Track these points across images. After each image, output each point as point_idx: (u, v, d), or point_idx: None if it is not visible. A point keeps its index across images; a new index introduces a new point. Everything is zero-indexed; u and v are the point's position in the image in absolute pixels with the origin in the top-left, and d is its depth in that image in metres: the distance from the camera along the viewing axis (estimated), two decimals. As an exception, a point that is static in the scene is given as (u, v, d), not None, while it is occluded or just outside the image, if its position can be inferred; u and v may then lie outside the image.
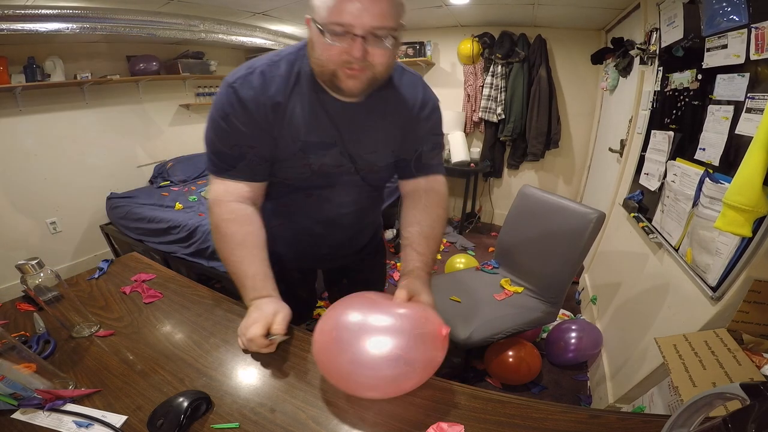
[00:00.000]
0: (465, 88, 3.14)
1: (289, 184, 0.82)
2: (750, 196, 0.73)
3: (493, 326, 1.33)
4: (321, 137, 0.75)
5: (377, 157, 0.83)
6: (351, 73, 0.64)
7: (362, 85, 0.66)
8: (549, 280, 1.43)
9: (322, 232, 0.92)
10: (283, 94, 0.70)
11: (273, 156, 0.75)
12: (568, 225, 1.35)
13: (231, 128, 0.71)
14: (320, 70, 0.67)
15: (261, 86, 0.69)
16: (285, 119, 0.71)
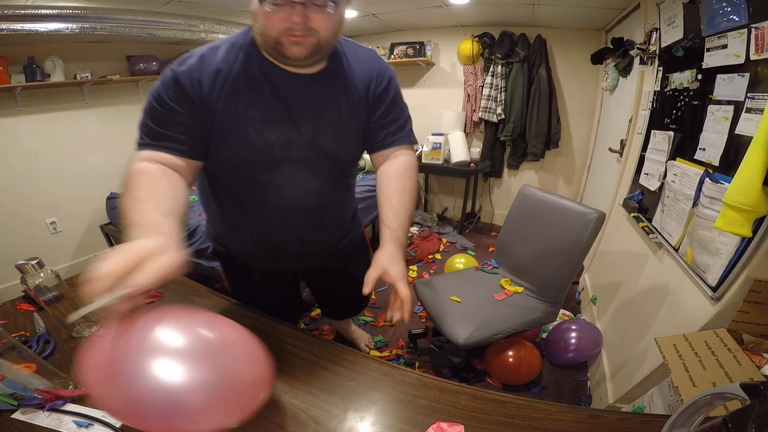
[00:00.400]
0: (465, 88, 3.14)
1: (238, 173, 0.77)
2: (750, 196, 0.73)
3: (493, 326, 1.33)
4: (264, 111, 0.71)
5: (335, 132, 0.78)
6: (294, 39, 0.63)
7: (307, 51, 0.66)
8: (549, 280, 1.43)
9: (282, 223, 0.86)
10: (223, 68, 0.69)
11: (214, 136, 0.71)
12: (568, 225, 1.35)
13: (164, 107, 0.67)
14: (264, 39, 0.66)
15: (197, 65, 0.68)
16: (223, 93, 0.69)
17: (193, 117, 0.69)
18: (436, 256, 2.79)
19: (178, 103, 0.68)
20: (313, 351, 0.75)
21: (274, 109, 0.72)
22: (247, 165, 0.75)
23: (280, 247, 0.93)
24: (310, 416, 0.60)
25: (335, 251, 1.05)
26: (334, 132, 0.78)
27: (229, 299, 0.93)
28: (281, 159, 0.76)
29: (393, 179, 0.82)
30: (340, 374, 0.69)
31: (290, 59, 0.67)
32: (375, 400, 0.63)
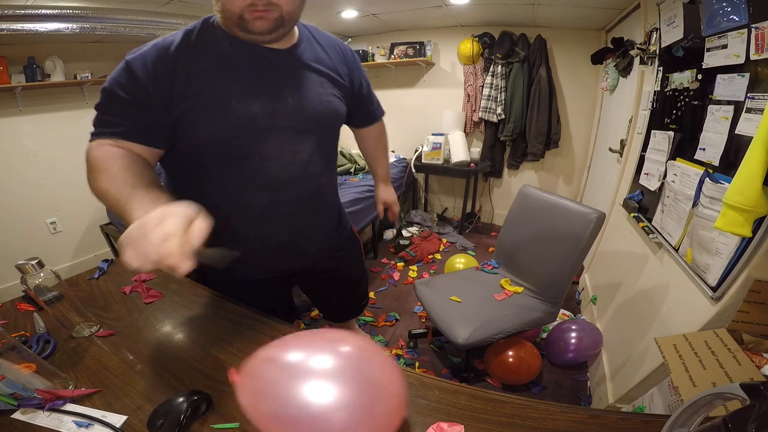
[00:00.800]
0: (465, 88, 3.14)
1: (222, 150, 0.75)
2: (750, 196, 0.73)
3: (492, 326, 1.33)
4: (245, 83, 0.72)
5: (320, 99, 0.81)
6: (257, 14, 0.65)
7: (270, 24, 0.67)
8: (549, 280, 1.43)
9: (271, 199, 0.82)
10: (183, 51, 0.69)
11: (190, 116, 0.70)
12: (569, 225, 1.35)
13: (117, 98, 0.69)
14: (227, 16, 0.67)
15: (152, 54, 0.68)
16: (190, 73, 0.69)
17: (148, 105, 0.69)
18: (436, 256, 2.79)
19: (131, 93, 0.68)
20: (313, 351, 0.75)
21: (254, 80, 0.73)
22: (234, 137, 0.73)
23: (269, 238, 0.88)
24: (310, 416, 0.60)
25: (326, 247, 1.04)
26: (319, 99, 0.81)
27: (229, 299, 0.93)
28: (267, 128, 0.75)
29: (375, 141, 1.16)
30: (340, 374, 0.69)
31: (255, 33, 0.68)
32: (375, 400, 0.63)
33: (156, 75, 0.67)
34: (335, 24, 2.99)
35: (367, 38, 3.42)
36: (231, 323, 0.84)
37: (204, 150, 0.75)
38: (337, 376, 0.48)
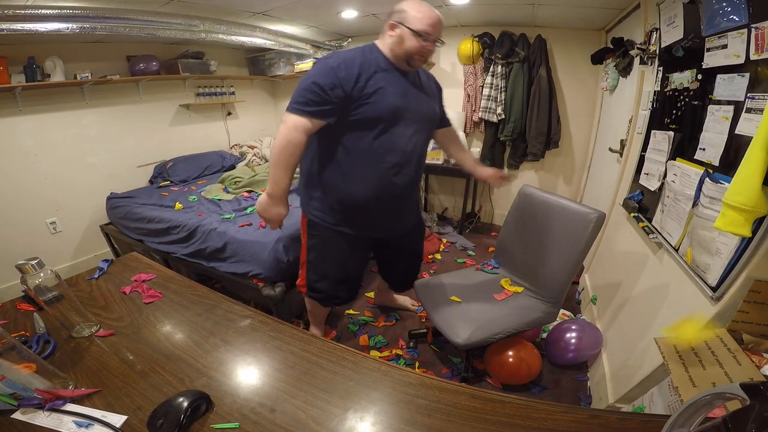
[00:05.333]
0: (465, 88, 3.14)
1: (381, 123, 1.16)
2: (750, 196, 0.73)
3: (493, 326, 1.33)
4: (396, 87, 1.17)
5: (429, 105, 1.32)
6: (421, 58, 1.17)
7: (421, 65, 1.22)
8: (549, 280, 1.43)
9: (400, 161, 1.24)
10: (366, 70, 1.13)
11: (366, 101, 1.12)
12: (568, 225, 1.35)
13: (322, 89, 1.08)
14: (403, 54, 1.15)
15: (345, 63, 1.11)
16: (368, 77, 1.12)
17: (340, 95, 1.10)
18: (436, 256, 2.79)
19: (333, 88, 1.08)
20: (313, 351, 0.75)
21: (400, 86, 1.19)
22: (389, 112, 1.16)
23: (392, 194, 1.28)
24: (310, 416, 0.60)
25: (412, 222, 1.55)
26: (427, 105, 1.31)
27: (229, 299, 0.93)
28: (404, 117, 1.20)
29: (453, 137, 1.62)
30: (340, 374, 0.69)
31: (411, 67, 1.19)
32: (375, 400, 0.63)
33: (348, 77, 1.10)
34: (335, 24, 2.99)
35: (367, 38, 3.41)
36: (231, 323, 0.84)
37: (367, 124, 1.16)
38: None
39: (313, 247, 1.41)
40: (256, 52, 3.78)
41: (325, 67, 1.10)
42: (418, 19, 1.11)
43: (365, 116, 1.14)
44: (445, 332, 1.33)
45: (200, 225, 2.03)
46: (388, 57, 1.17)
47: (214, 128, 3.68)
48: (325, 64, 1.10)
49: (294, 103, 1.10)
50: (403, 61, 1.16)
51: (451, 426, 0.58)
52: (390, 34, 1.15)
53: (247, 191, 2.65)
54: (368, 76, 1.11)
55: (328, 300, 1.54)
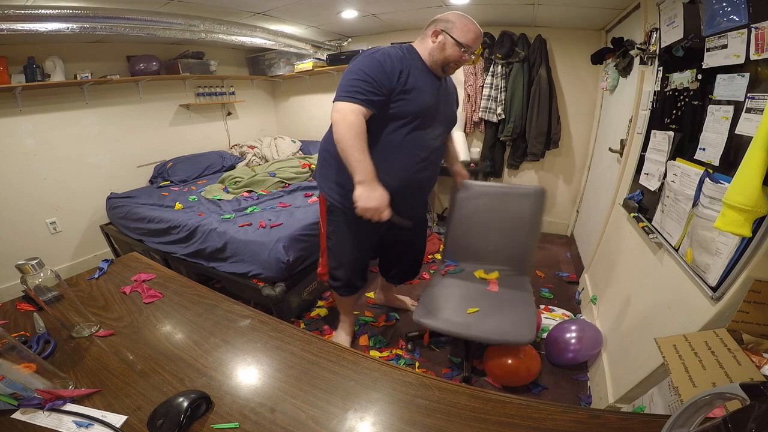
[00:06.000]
0: (465, 88, 3.13)
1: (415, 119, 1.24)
2: (750, 196, 0.72)
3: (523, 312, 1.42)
4: (429, 88, 1.26)
5: (452, 108, 1.45)
6: (455, 67, 1.28)
7: (453, 73, 1.34)
8: (516, 255, 1.64)
9: (427, 156, 1.34)
10: (406, 68, 1.20)
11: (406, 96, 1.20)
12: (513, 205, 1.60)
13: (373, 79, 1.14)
14: (442, 60, 1.24)
15: (391, 58, 1.18)
16: (409, 75, 1.19)
17: (385, 89, 1.17)
18: (436, 256, 2.79)
19: (381, 81, 1.15)
20: (313, 351, 0.75)
21: (434, 88, 1.28)
22: (423, 110, 1.25)
23: (414, 186, 1.38)
24: (310, 416, 0.60)
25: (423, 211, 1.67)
26: (451, 107, 1.44)
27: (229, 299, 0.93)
28: (433, 117, 1.31)
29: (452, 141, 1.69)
30: (340, 374, 0.69)
31: (444, 72, 1.30)
32: (375, 400, 0.63)
33: (393, 71, 1.17)
34: (335, 24, 2.99)
35: (367, 38, 3.42)
36: (232, 323, 0.84)
37: (403, 119, 1.23)
38: None
39: (333, 233, 1.47)
40: (256, 52, 3.78)
41: (372, 60, 1.15)
42: (464, 32, 1.20)
43: (402, 110, 1.21)
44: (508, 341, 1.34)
45: (200, 225, 2.03)
46: (425, 60, 1.26)
47: (214, 128, 3.68)
48: (372, 57, 1.16)
49: (344, 92, 1.13)
50: (439, 66, 1.25)
51: (451, 426, 0.58)
52: (432, 39, 1.23)
53: (247, 191, 2.65)
54: (407, 73, 1.18)
55: (345, 288, 1.61)
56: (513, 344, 1.42)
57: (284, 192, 2.59)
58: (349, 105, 1.12)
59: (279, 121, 4.37)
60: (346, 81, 1.15)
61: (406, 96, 1.19)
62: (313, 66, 3.51)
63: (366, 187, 1.15)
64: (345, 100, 1.13)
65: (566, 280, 2.45)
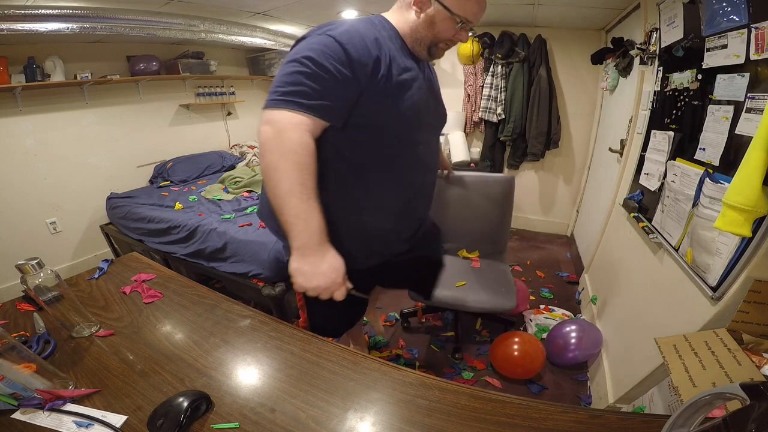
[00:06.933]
0: (465, 88, 3.13)
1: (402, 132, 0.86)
2: (750, 196, 0.73)
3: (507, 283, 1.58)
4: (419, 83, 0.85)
5: (439, 101, 1.00)
6: (446, 48, 0.87)
7: (442, 57, 0.90)
8: (492, 236, 1.81)
9: (421, 181, 0.98)
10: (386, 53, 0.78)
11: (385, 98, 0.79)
12: (486, 190, 1.75)
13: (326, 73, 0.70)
14: (430, 39, 0.84)
15: (359, 36, 0.75)
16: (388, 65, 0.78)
17: (351, 88, 0.74)
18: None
19: (343, 74, 0.71)
20: (313, 351, 0.75)
21: (421, 80, 0.87)
22: (413, 115, 0.85)
23: (412, 212, 1.02)
24: (310, 416, 0.60)
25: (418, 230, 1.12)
26: (439, 101, 1.01)
27: (229, 299, 0.93)
28: (425, 122, 0.92)
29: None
30: (340, 374, 0.69)
31: (430, 57, 0.89)
32: (375, 400, 0.63)
33: (364, 58, 0.73)
34: (335, 24, 2.99)
35: (367, 38, 3.41)
36: (232, 323, 0.84)
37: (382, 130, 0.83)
38: None
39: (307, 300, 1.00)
40: (256, 52, 3.78)
41: (328, 41, 0.71)
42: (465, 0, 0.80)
43: (383, 120, 0.80)
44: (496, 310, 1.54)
45: (200, 225, 2.03)
46: (405, 38, 0.86)
47: (214, 128, 3.68)
48: (327, 37, 0.72)
49: (280, 94, 0.70)
50: (425, 48, 0.86)
51: (451, 426, 0.58)
52: (416, 10, 0.82)
53: (247, 191, 2.65)
54: (388, 62, 0.77)
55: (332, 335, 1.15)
56: (500, 311, 1.66)
57: (284, 192, 2.59)
58: (286, 115, 0.69)
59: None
60: (283, 75, 0.71)
61: (387, 97, 0.78)
62: (313, 66, 3.50)
63: (307, 258, 0.72)
64: (281, 107, 0.70)
65: (566, 280, 2.46)
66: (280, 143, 0.69)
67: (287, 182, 0.69)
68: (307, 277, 0.73)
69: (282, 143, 0.68)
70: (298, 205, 0.69)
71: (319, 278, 0.73)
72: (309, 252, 0.72)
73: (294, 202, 0.69)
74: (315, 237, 0.72)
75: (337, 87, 0.72)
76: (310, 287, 0.74)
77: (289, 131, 0.69)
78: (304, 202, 0.69)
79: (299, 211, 0.70)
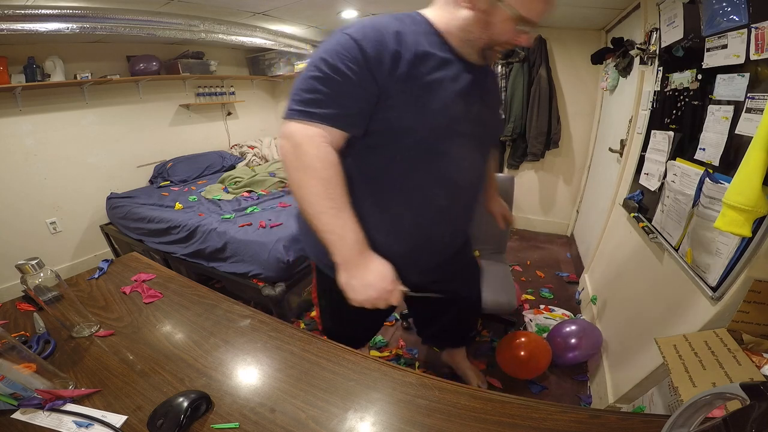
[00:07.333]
0: (465, 88, 3.14)
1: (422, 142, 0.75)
2: (750, 196, 0.73)
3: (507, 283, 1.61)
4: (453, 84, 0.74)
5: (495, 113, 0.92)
6: (502, 50, 0.77)
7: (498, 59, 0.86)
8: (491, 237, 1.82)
9: (447, 204, 0.84)
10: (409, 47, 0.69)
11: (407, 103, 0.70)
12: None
13: (342, 76, 0.65)
14: (481, 42, 0.73)
15: (377, 34, 0.67)
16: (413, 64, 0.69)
17: (369, 88, 0.67)
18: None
19: (358, 74, 0.65)
20: (313, 351, 0.75)
21: (463, 83, 0.75)
22: (446, 123, 0.74)
23: (432, 240, 0.89)
24: (310, 416, 0.60)
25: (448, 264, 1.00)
26: (494, 113, 0.91)
27: (229, 299, 0.93)
28: (460, 131, 0.78)
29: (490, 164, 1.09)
30: (340, 374, 0.69)
31: (484, 60, 0.79)
32: (375, 400, 0.63)
33: (381, 57, 0.66)
34: (335, 24, 2.99)
35: (367, 38, 3.41)
36: (232, 323, 0.84)
37: (402, 139, 0.74)
38: None
39: (323, 298, 1.05)
40: (256, 52, 3.78)
41: (345, 40, 0.66)
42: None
43: (402, 122, 0.71)
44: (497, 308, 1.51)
45: (200, 225, 2.03)
46: (448, 36, 0.74)
47: (214, 128, 3.68)
48: (344, 35, 0.66)
49: (294, 104, 0.68)
50: (477, 49, 0.75)
51: (451, 426, 0.58)
52: (465, 6, 0.70)
53: (247, 191, 2.65)
54: (412, 58, 0.68)
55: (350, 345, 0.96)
56: (500, 312, 1.59)
57: (284, 192, 2.59)
58: (302, 128, 0.67)
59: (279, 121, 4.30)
60: (300, 81, 0.68)
61: (410, 97, 0.69)
62: (313, 66, 3.51)
63: (352, 271, 0.71)
64: (298, 119, 0.67)
65: (566, 280, 2.46)
66: (299, 160, 0.67)
67: (314, 200, 0.68)
68: (356, 291, 0.72)
69: (301, 160, 0.67)
70: (330, 221, 0.68)
71: (369, 289, 0.71)
72: (351, 265, 0.71)
73: (325, 219, 0.68)
74: (354, 249, 0.70)
75: (353, 90, 0.66)
76: (362, 300, 0.72)
77: (306, 146, 0.66)
78: (335, 217, 0.68)
79: (332, 227, 0.69)
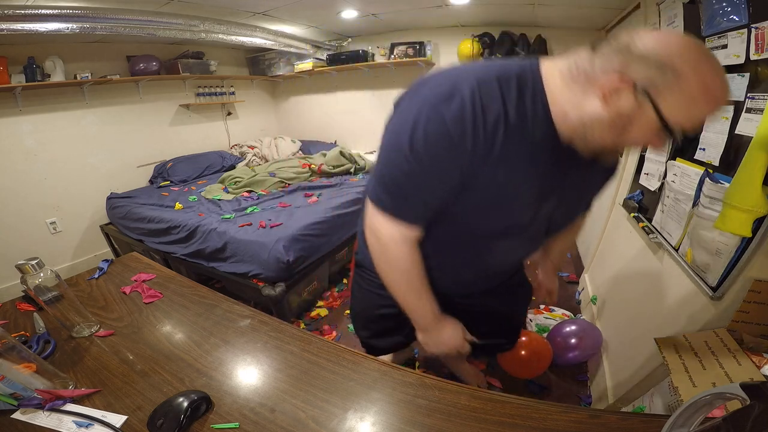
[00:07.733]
0: (465, 88, 3.13)
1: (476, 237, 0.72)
2: (750, 196, 0.73)
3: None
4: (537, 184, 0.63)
5: (571, 211, 0.85)
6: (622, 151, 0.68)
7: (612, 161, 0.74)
8: None
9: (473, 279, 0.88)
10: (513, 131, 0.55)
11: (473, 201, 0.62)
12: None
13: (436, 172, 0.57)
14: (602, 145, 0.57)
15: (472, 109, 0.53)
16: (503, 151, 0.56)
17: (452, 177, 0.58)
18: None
19: (446, 167, 0.56)
20: (313, 351, 0.75)
21: (546, 178, 0.63)
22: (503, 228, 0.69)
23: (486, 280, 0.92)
24: (310, 416, 0.60)
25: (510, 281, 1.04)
26: (570, 212, 0.83)
27: (229, 299, 0.93)
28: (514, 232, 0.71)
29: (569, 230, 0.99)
30: (340, 374, 0.69)
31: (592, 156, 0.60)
32: (375, 400, 0.63)
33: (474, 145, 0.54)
34: (335, 24, 3.00)
35: (367, 38, 3.42)
36: (232, 323, 0.84)
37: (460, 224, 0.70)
38: None
39: (356, 289, 1.05)
40: (256, 52, 3.78)
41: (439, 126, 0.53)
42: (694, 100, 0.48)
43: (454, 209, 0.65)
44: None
45: (200, 225, 2.03)
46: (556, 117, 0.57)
47: (214, 128, 3.68)
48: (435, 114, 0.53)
49: (381, 191, 0.63)
50: (592, 148, 0.58)
51: (451, 426, 0.58)
52: (601, 96, 0.52)
53: (247, 191, 2.65)
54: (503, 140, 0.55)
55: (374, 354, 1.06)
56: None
57: (284, 192, 2.59)
58: (388, 228, 0.65)
59: (279, 121, 4.37)
60: (386, 169, 0.61)
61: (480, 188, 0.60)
62: (313, 66, 3.51)
63: (429, 333, 0.83)
64: (386, 214, 0.64)
65: (566, 280, 2.45)
66: (385, 257, 0.72)
67: (397, 287, 0.76)
68: (431, 347, 0.85)
69: (387, 259, 0.72)
70: (412, 302, 0.78)
71: (442, 346, 0.84)
72: (429, 329, 0.83)
73: (408, 299, 0.78)
74: (429, 319, 0.80)
75: (442, 186, 0.60)
76: (437, 353, 0.86)
77: (392, 248, 0.68)
78: (416, 299, 0.77)
79: (414, 307, 0.79)
